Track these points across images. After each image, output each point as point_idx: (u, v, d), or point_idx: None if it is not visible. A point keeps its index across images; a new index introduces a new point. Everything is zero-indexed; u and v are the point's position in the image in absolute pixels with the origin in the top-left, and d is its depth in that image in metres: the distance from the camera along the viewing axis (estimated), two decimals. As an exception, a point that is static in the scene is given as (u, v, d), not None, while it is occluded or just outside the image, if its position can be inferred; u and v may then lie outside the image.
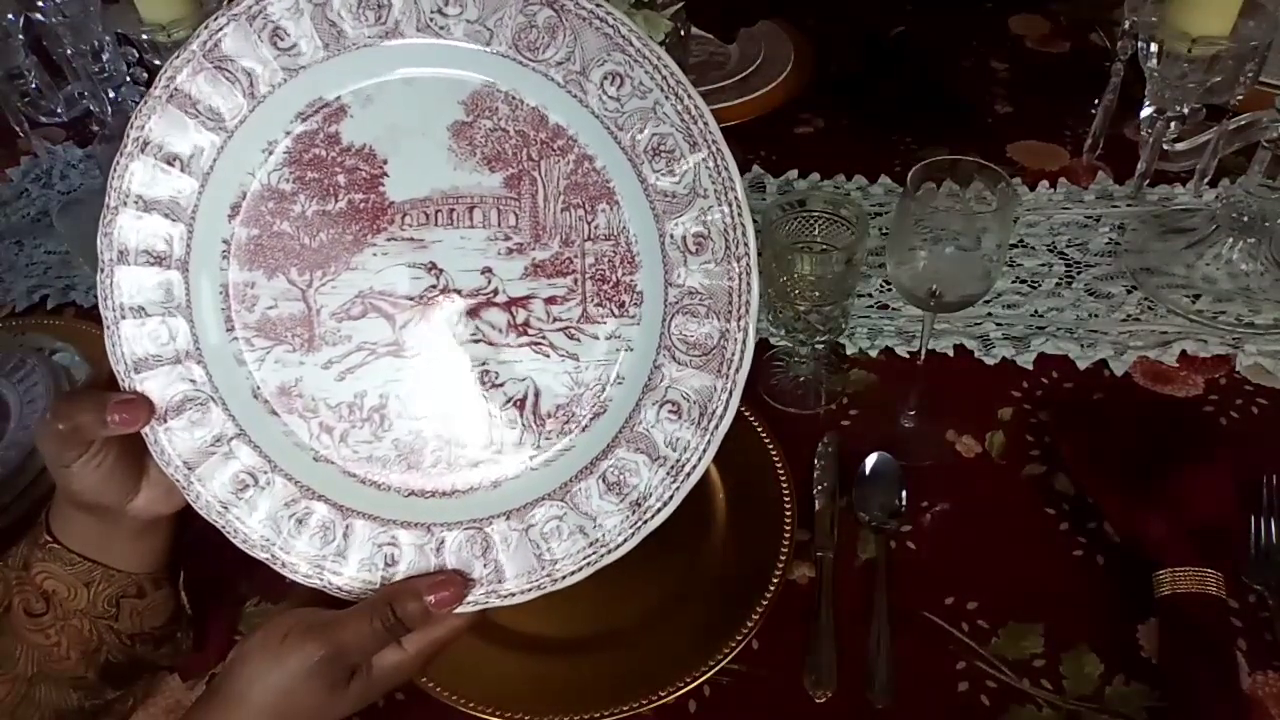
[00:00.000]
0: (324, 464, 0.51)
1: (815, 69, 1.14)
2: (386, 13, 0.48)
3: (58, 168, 1.11)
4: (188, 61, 0.49)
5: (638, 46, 0.46)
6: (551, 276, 0.49)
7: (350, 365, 0.51)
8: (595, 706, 0.58)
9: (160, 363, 0.51)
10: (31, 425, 0.76)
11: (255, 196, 0.51)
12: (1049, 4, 1.24)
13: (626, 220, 0.48)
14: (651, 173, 0.47)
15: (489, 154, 0.49)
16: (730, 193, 0.46)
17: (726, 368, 0.47)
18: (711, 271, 0.47)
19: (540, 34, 0.47)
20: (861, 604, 0.64)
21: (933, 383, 0.75)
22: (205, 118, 0.49)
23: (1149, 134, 0.82)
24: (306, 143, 0.50)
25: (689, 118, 0.46)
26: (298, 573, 0.50)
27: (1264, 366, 0.77)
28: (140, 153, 0.49)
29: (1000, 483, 0.71)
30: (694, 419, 0.47)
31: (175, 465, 0.50)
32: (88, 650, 0.55)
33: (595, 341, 0.49)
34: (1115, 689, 0.59)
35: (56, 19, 0.95)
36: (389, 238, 0.50)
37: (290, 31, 0.48)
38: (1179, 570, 0.60)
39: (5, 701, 0.53)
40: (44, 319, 0.91)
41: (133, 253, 0.50)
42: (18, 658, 0.54)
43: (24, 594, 0.54)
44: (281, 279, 0.51)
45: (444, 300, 0.50)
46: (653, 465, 0.48)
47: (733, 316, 0.47)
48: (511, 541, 0.49)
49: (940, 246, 0.62)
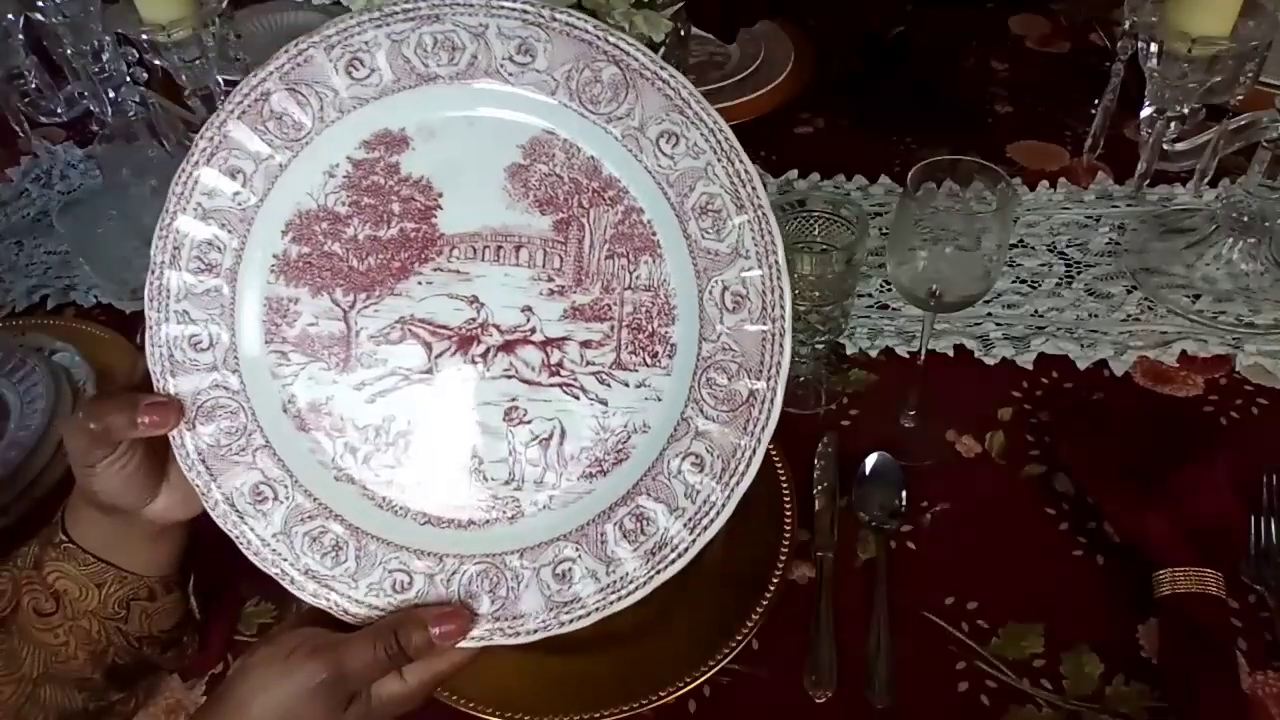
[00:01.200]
0: (345, 484, 0.52)
1: (815, 69, 1.13)
2: (459, 55, 0.50)
3: (58, 168, 1.11)
4: (264, 80, 0.50)
5: (695, 109, 0.48)
6: (589, 321, 0.50)
7: (382, 389, 0.52)
8: (595, 706, 0.58)
9: (197, 367, 0.51)
10: (33, 425, 0.75)
11: (310, 216, 0.52)
12: (1049, 4, 1.24)
13: (668, 273, 0.50)
14: (697, 230, 0.49)
15: (541, 197, 0.51)
16: (772, 255, 0.48)
17: (753, 426, 0.48)
18: (746, 330, 0.48)
19: (604, 89, 0.49)
20: (861, 604, 0.64)
21: (933, 383, 0.75)
22: (274, 135, 0.51)
23: (1149, 134, 0.82)
24: (366, 169, 0.52)
25: (738, 181, 0.48)
26: (305, 591, 0.50)
27: (1264, 366, 0.77)
28: (206, 162, 0.51)
29: (1000, 483, 0.71)
30: (716, 474, 0.48)
31: (198, 470, 0.51)
32: (95, 651, 0.55)
33: (625, 388, 0.50)
34: (1115, 689, 0.59)
35: (56, 19, 0.95)
36: (435, 268, 0.51)
37: (366, 63, 0.50)
38: (1179, 570, 0.60)
39: (10, 702, 0.53)
40: (44, 319, 0.91)
41: (185, 257, 0.51)
42: (23, 658, 0.54)
43: (34, 593, 0.54)
44: (325, 298, 0.52)
45: (482, 334, 0.51)
46: (671, 515, 0.48)
47: (763, 375, 0.48)
48: (523, 579, 0.49)
49: (940, 246, 0.62)
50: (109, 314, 0.91)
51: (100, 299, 0.92)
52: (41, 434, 0.75)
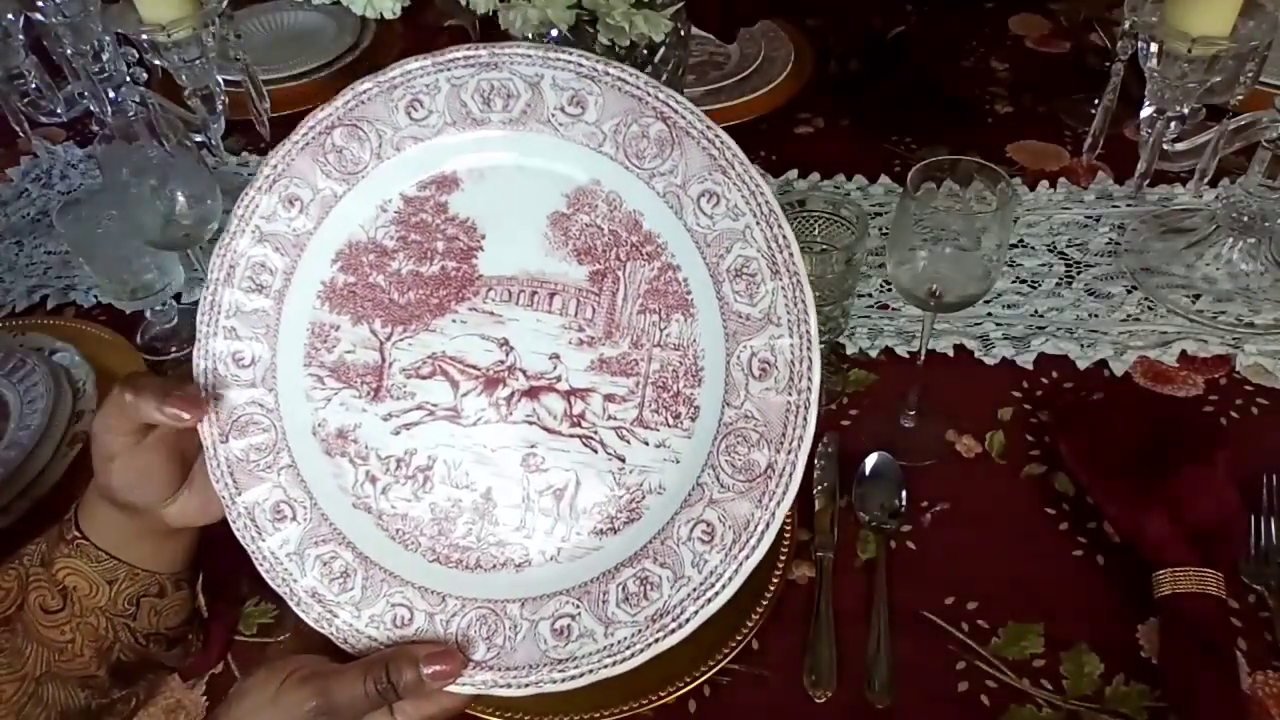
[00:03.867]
0: (361, 512, 0.52)
1: (815, 69, 1.13)
2: (514, 103, 0.51)
3: (58, 168, 1.11)
4: (329, 115, 0.52)
5: (738, 171, 0.48)
6: (615, 374, 0.51)
7: (408, 421, 0.53)
8: (595, 706, 0.58)
9: (238, 382, 0.53)
10: (33, 425, 0.75)
11: (359, 247, 0.53)
12: (1049, 4, 1.24)
13: (698, 334, 0.50)
14: (731, 292, 0.49)
15: (580, 247, 0.51)
16: (803, 325, 0.48)
17: (768, 499, 0.47)
18: (771, 400, 0.48)
19: (650, 144, 0.49)
20: (861, 604, 0.64)
21: (933, 383, 0.75)
22: (333, 167, 0.52)
23: (1149, 134, 0.82)
24: (416, 206, 0.53)
25: (775, 246, 0.48)
26: (308, 614, 0.51)
27: (1264, 366, 0.77)
28: (269, 188, 0.53)
29: (1000, 483, 0.71)
30: (725, 545, 0.47)
31: (225, 481, 0.52)
32: (101, 648, 0.56)
33: (644, 447, 0.50)
34: (1115, 689, 0.59)
35: (56, 19, 0.95)
36: (471, 308, 0.52)
37: (425, 105, 0.52)
38: (1179, 570, 0.60)
39: (13, 700, 0.54)
40: (44, 319, 0.91)
41: (239, 276, 0.53)
42: (27, 656, 0.54)
43: (40, 591, 0.55)
44: (365, 327, 0.53)
45: (508, 377, 0.52)
46: (675, 583, 0.48)
47: (784, 448, 0.47)
48: (520, 630, 0.49)
49: (940, 246, 0.62)
50: (109, 314, 0.91)
51: (100, 299, 0.92)
52: (41, 434, 0.75)
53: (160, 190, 0.78)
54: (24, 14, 0.98)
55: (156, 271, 0.84)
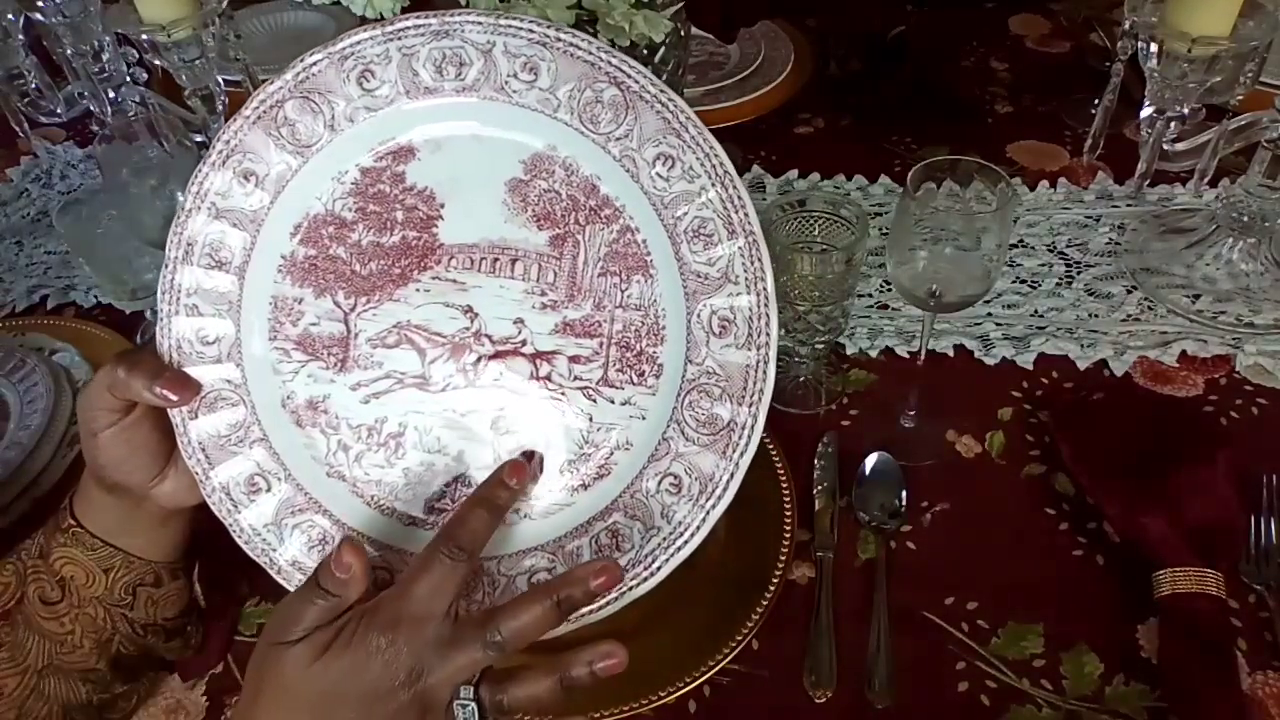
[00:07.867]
0: (335, 480, 0.53)
1: (815, 69, 1.14)
2: (467, 71, 0.51)
3: (58, 168, 1.11)
4: (280, 88, 0.52)
5: (692, 133, 0.48)
6: (579, 336, 0.51)
7: (377, 390, 0.53)
8: (595, 706, 0.58)
9: (203, 360, 0.53)
10: (33, 425, 0.75)
11: (318, 220, 0.53)
12: (1049, 4, 1.24)
13: (659, 294, 0.50)
14: (689, 252, 0.49)
15: (539, 212, 0.51)
16: (760, 282, 0.48)
17: (732, 450, 0.48)
18: (731, 356, 0.48)
19: (604, 109, 0.49)
20: (861, 604, 0.64)
21: (933, 383, 0.75)
22: (286, 141, 0.52)
23: (1149, 134, 0.82)
24: (374, 177, 0.53)
25: (731, 206, 0.48)
26: (291, 582, 0.52)
27: (1264, 366, 0.77)
28: (223, 164, 0.52)
29: (1000, 483, 0.71)
30: (693, 495, 0.48)
31: (198, 458, 0.52)
32: (100, 639, 0.56)
33: (611, 405, 0.51)
34: (1115, 689, 0.59)
35: (56, 19, 0.95)
36: (434, 276, 0.52)
37: (377, 75, 0.51)
38: (1179, 570, 0.61)
39: (15, 694, 0.54)
40: (44, 319, 0.91)
41: (198, 254, 0.53)
42: (29, 649, 0.55)
43: (39, 583, 0.55)
44: (328, 299, 0.53)
45: (474, 343, 0.52)
46: (646, 534, 0.49)
47: (745, 401, 0.48)
48: (499, 586, 0.50)
49: (940, 246, 0.62)
50: (109, 314, 0.91)
51: (100, 299, 0.92)
52: (41, 434, 0.75)
53: (160, 190, 0.78)
54: (24, 14, 0.98)
55: (156, 271, 0.84)
